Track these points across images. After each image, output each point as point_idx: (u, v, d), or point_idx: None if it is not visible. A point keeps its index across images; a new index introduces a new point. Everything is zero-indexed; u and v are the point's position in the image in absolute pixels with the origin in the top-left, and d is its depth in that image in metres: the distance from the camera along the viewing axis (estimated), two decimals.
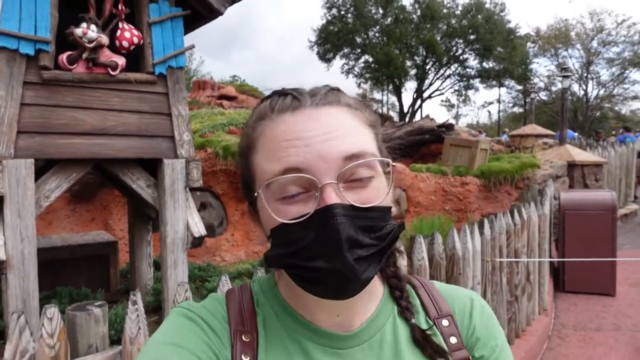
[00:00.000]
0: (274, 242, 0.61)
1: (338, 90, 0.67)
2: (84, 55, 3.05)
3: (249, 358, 0.62)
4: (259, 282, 0.73)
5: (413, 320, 0.69)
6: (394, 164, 0.65)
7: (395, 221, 0.64)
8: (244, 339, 0.63)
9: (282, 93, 0.65)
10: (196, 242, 3.49)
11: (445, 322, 0.71)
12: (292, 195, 0.58)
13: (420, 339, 0.67)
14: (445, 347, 0.68)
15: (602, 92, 32.70)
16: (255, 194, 0.63)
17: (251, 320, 0.65)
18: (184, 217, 3.44)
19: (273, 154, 0.60)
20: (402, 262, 2.47)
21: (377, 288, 0.70)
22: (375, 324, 0.67)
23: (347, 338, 0.65)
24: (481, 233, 3.32)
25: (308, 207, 0.57)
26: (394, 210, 0.67)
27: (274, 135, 0.61)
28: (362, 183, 0.60)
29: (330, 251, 0.55)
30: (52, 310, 1.39)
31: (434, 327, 0.70)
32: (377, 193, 0.60)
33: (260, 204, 0.62)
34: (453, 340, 0.69)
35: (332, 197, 0.56)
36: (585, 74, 32.35)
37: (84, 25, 3.00)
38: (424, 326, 0.70)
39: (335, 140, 0.59)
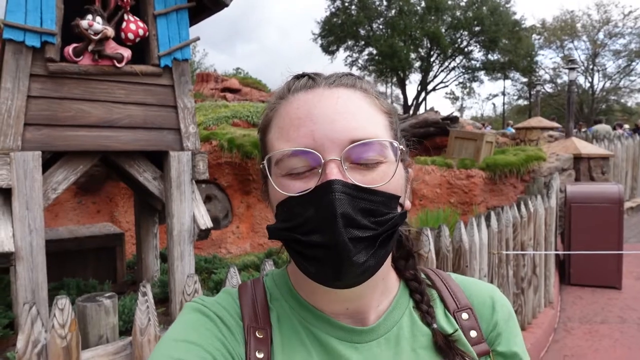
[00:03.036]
0: (278, 217, 0.62)
1: (358, 76, 0.66)
2: (90, 48, 3.04)
3: (263, 354, 0.61)
4: (272, 276, 0.72)
5: (435, 325, 0.67)
6: (405, 156, 0.64)
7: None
8: (257, 335, 0.62)
9: (300, 75, 0.66)
10: (202, 235, 3.50)
11: (465, 315, 0.70)
12: (298, 172, 0.59)
13: (443, 345, 0.64)
14: (471, 352, 0.66)
15: (608, 84, 32.46)
16: (260, 165, 0.64)
17: (264, 315, 0.65)
18: (190, 209, 3.44)
19: (285, 133, 0.61)
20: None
21: (391, 283, 0.69)
22: (391, 318, 0.66)
23: (364, 332, 0.64)
24: (488, 225, 3.31)
25: (311, 183, 0.58)
26: (407, 204, 0.65)
27: (287, 113, 0.62)
28: (369, 166, 0.59)
29: (326, 226, 0.55)
30: (64, 302, 1.40)
31: (458, 330, 0.68)
32: (384, 177, 0.59)
33: (269, 180, 0.63)
34: (473, 333, 0.68)
35: (334, 172, 0.56)
36: (591, 66, 32.07)
37: (90, 17, 2.99)
38: (443, 320, 0.69)
39: (345, 121, 0.59)
